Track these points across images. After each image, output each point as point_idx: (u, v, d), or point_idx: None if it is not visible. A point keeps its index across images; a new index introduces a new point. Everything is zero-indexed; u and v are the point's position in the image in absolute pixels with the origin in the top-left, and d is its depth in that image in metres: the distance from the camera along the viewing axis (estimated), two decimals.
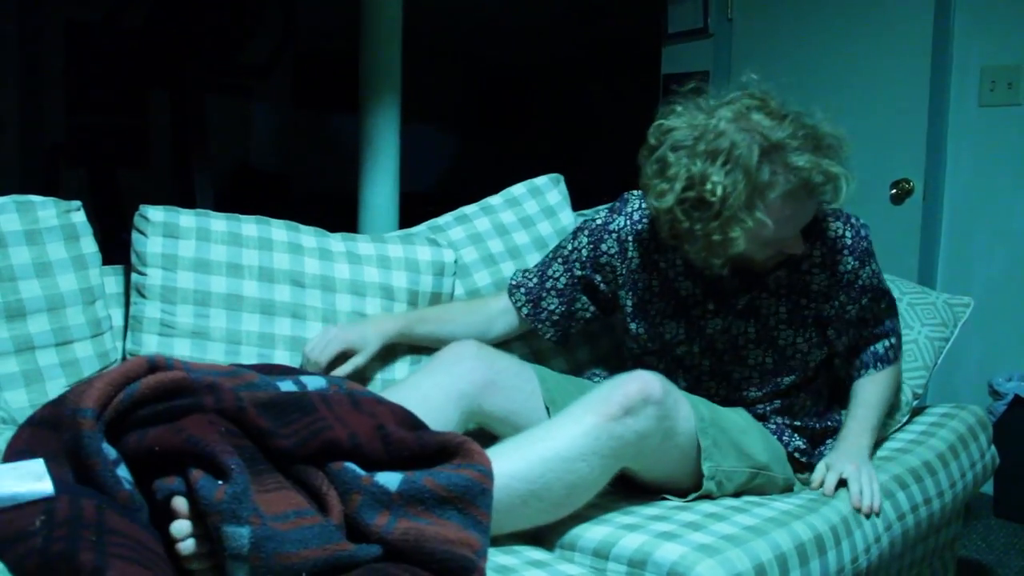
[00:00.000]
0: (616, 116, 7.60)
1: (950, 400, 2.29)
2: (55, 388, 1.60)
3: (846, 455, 1.71)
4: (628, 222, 1.85)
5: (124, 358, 1.78)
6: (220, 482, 1.06)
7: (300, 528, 1.07)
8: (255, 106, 6.53)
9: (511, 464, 1.34)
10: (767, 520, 1.47)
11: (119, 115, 5.58)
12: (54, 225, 1.68)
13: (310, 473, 1.16)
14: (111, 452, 1.12)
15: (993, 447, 2.09)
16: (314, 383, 1.32)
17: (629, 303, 1.84)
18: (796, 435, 1.83)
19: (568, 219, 2.25)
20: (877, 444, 1.86)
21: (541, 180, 2.29)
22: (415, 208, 3.13)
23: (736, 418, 1.73)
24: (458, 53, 7.47)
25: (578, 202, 2.35)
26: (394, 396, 1.44)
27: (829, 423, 1.88)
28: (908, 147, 3.28)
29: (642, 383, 1.47)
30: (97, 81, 5.33)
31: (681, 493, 1.60)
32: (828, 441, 1.87)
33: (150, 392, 1.17)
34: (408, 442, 1.21)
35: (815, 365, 1.83)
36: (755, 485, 1.67)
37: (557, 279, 1.89)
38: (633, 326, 1.84)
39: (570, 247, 1.90)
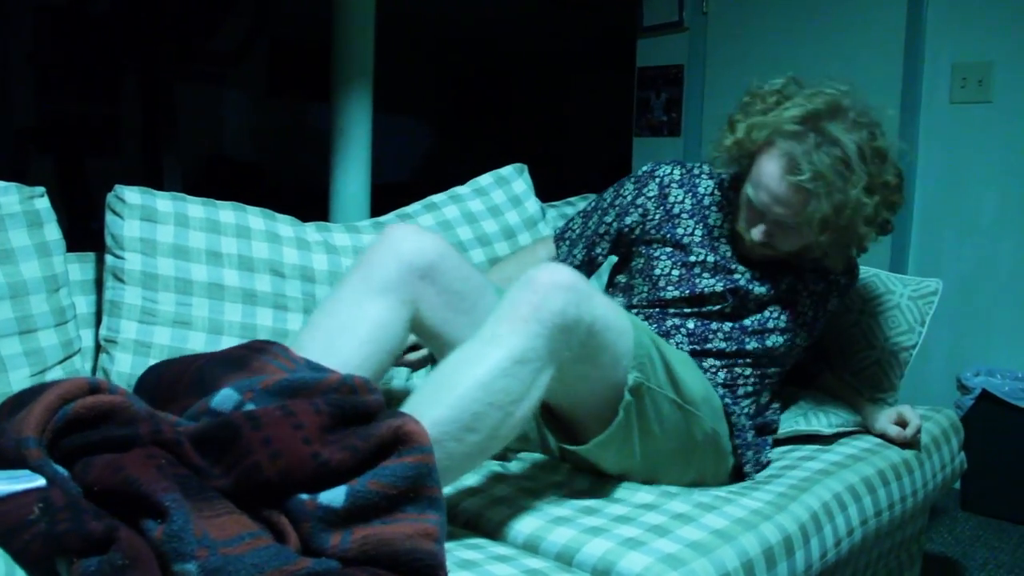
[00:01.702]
0: (591, 109, 7.61)
1: (918, 395, 2.31)
2: (18, 377, 1.57)
3: (892, 409, 1.94)
4: (678, 170, 1.92)
5: (97, 346, 1.75)
6: (160, 522, 1.02)
7: (255, 550, 1.03)
8: (227, 94, 6.47)
9: (436, 412, 1.27)
10: (735, 521, 1.44)
11: (88, 102, 5.51)
12: (16, 211, 1.64)
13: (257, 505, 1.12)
14: (63, 471, 1.09)
15: (963, 453, 2.11)
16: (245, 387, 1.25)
17: (664, 240, 1.85)
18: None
19: (534, 207, 2.31)
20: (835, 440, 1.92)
21: (506, 170, 2.35)
22: (387, 199, 3.11)
23: (680, 353, 1.70)
24: (432, 44, 7.43)
25: (552, 194, 2.36)
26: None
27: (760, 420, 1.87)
28: None
29: (549, 273, 1.39)
30: (65, 67, 5.26)
31: (604, 423, 1.53)
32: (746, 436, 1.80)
33: (85, 412, 1.13)
34: (346, 462, 1.14)
35: (779, 358, 1.85)
36: (676, 422, 1.59)
37: (598, 228, 1.95)
38: (666, 262, 1.83)
39: (612, 196, 1.96)
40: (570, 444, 1.60)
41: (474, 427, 1.29)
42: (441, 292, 1.59)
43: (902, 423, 1.92)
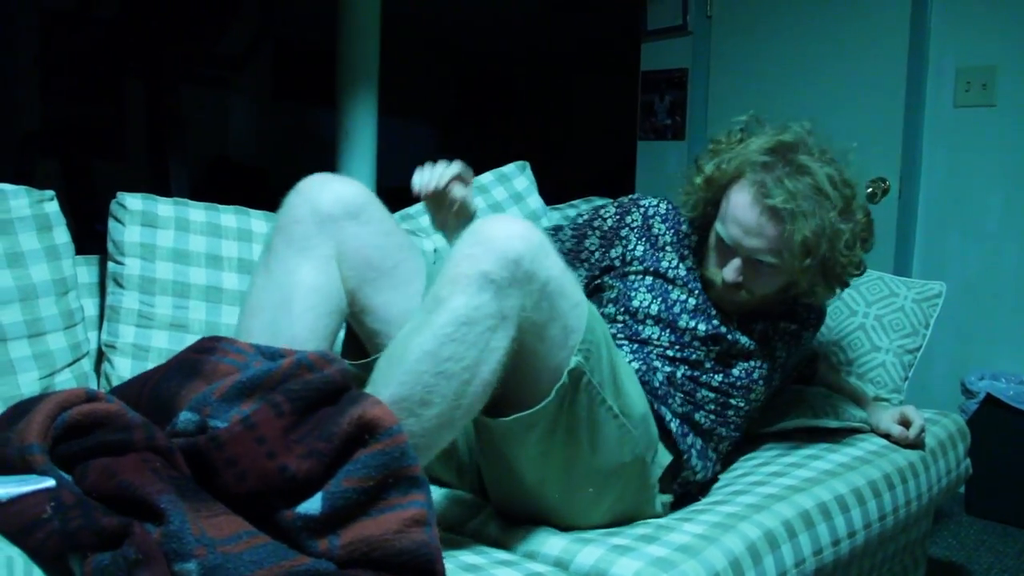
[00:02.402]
0: (595, 112, 7.62)
1: (922, 398, 2.30)
2: (27, 380, 1.59)
3: (896, 408, 1.95)
4: (664, 205, 1.81)
5: (100, 349, 1.77)
6: (158, 524, 1.02)
7: (253, 548, 1.03)
8: (232, 98, 6.49)
9: (389, 391, 1.22)
10: (717, 523, 1.46)
11: (94, 105, 5.52)
12: (26, 215, 1.65)
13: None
14: (66, 476, 1.10)
15: (968, 459, 2.10)
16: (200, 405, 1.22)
17: (646, 271, 1.74)
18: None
19: (536, 203, 2.33)
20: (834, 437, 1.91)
21: (508, 168, 2.36)
22: (392, 202, 3.12)
23: (628, 365, 1.56)
24: (437, 47, 7.45)
25: (556, 197, 2.37)
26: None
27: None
28: (884, 146, 3.30)
29: (500, 222, 1.27)
30: (72, 70, 5.27)
31: (542, 394, 1.35)
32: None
33: (82, 419, 1.14)
34: (313, 470, 1.11)
35: (758, 407, 1.81)
36: (607, 434, 1.43)
37: (577, 249, 1.84)
38: (645, 295, 1.72)
39: (590, 216, 1.85)
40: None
41: (429, 400, 1.22)
42: (360, 247, 1.49)
43: (905, 423, 1.92)
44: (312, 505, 1.09)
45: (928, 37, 3.19)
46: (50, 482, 1.05)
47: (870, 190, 3.32)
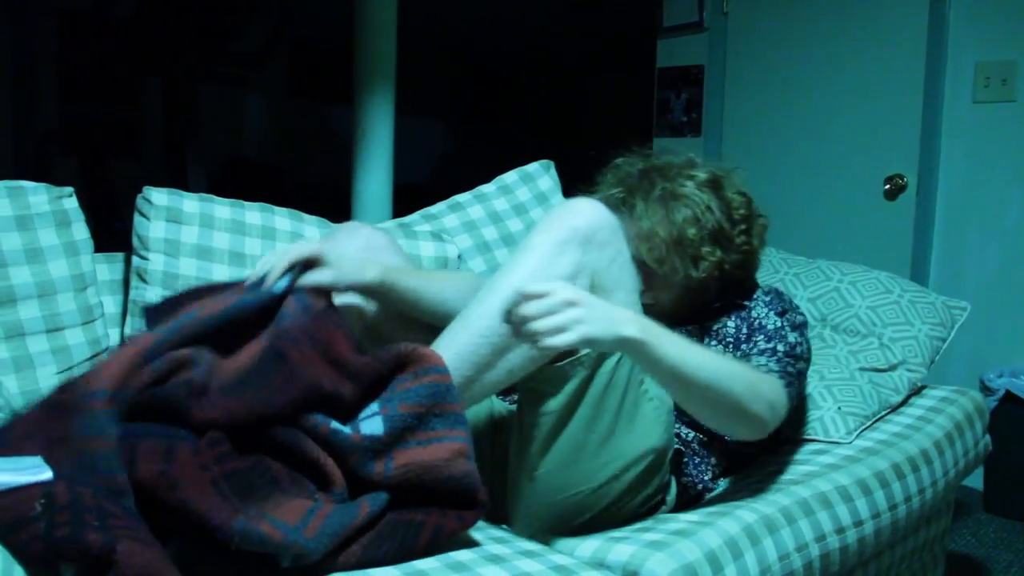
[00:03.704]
0: (611, 109, 7.60)
1: None
2: (45, 375, 1.60)
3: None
4: None
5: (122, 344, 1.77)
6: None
7: (321, 524, 1.11)
8: (250, 96, 6.51)
9: (474, 311, 1.35)
10: (714, 511, 1.46)
11: (112, 104, 5.56)
12: (46, 211, 1.67)
13: (306, 445, 1.19)
14: (115, 430, 1.13)
15: (987, 435, 2.08)
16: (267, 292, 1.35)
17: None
18: None
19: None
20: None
21: (532, 167, 2.32)
22: (408, 200, 3.12)
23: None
24: (453, 45, 7.45)
25: (571, 192, 2.36)
26: None
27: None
28: (902, 142, 3.28)
29: (588, 201, 1.41)
30: (90, 70, 5.30)
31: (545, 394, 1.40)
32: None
33: (167, 368, 1.22)
34: (372, 367, 1.26)
35: None
36: (645, 411, 1.44)
37: None
38: None
39: None
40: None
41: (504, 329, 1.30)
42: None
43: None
44: (376, 425, 1.22)
45: (947, 32, 3.17)
46: (47, 474, 1.05)
47: (888, 187, 3.30)
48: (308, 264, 1.42)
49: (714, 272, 1.70)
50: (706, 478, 1.69)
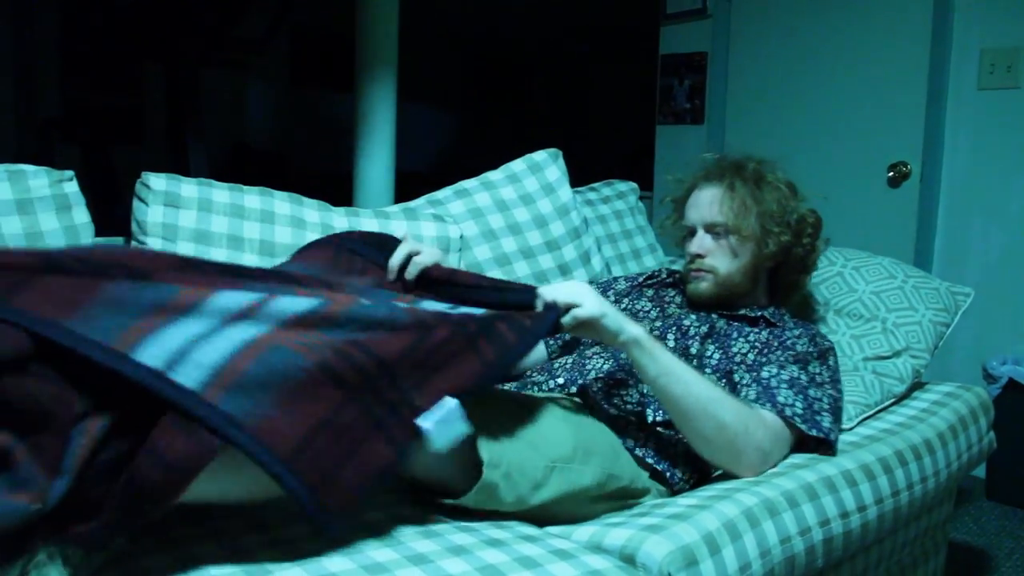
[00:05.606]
0: (614, 96, 7.59)
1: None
2: None
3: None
4: (623, 283, 2.02)
5: None
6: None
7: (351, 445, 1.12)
8: (251, 83, 6.50)
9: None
10: (707, 497, 1.45)
11: (113, 90, 5.55)
12: (46, 195, 1.66)
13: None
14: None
15: (992, 432, 2.09)
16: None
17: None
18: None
19: (567, 196, 2.25)
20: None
21: (540, 155, 2.29)
22: (410, 187, 3.12)
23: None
24: (456, 32, 7.43)
25: (575, 180, 2.35)
26: None
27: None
28: (906, 129, 3.27)
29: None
30: (92, 56, 5.30)
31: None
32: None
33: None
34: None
35: None
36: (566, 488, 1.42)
37: None
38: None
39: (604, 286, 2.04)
40: None
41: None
42: None
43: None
44: (475, 309, 1.39)
45: (952, 18, 3.16)
46: (466, 430, 1.22)
47: (891, 174, 3.29)
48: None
49: (780, 256, 1.80)
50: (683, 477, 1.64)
